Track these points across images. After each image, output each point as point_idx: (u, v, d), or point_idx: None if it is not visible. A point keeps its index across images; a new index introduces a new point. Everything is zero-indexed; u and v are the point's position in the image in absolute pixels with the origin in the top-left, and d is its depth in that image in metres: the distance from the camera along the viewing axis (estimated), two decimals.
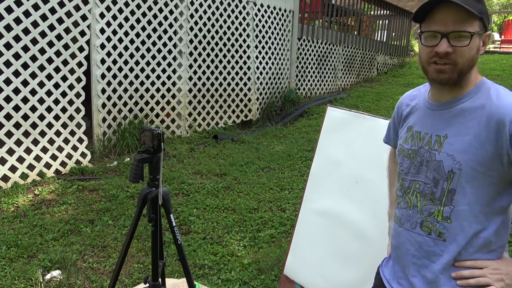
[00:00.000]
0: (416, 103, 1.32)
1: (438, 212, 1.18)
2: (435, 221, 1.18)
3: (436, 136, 1.20)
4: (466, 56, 1.12)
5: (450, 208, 1.16)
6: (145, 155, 1.76)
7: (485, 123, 1.11)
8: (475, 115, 1.13)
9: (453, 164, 1.14)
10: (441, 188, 1.17)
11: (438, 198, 1.18)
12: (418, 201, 1.22)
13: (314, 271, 2.21)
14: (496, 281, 1.12)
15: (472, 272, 1.15)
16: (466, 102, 1.17)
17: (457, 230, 1.16)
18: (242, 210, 3.69)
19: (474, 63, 1.14)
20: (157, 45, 5.28)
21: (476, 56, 1.14)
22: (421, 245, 1.21)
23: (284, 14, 7.17)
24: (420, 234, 1.21)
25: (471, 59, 1.13)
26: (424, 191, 1.20)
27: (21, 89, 4.01)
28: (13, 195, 3.74)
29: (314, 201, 2.27)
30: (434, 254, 1.19)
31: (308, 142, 5.64)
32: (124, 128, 4.98)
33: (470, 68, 1.14)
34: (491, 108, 1.11)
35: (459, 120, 1.16)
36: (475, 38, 1.11)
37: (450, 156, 1.15)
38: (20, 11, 3.88)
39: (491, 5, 20.21)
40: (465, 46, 1.10)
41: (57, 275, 2.69)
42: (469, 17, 1.10)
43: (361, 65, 9.89)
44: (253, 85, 6.72)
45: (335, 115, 2.26)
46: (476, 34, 1.11)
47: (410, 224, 1.24)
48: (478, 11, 1.09)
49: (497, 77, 9.01)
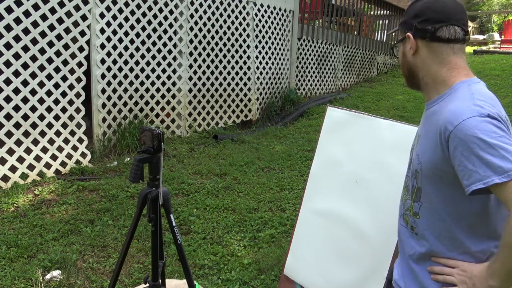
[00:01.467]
0: None
1: (411, 207, 1.26)
2: (409, 215, 1.26)
3: (417, 136, 1.28)
4: (399, 62, 1.31)
5: (419, 204, 1.22)
6: (145, 155, 1.75)
7: (437, 127, 1.13)
8: (435, 119, 1.16)
9: (417, 164, 1.21)
10: (412, 185, 1.25)
11: (410, 194, 1.26)
12: (404, 194, 1.32)
13: (314, 271, 2.21)
14: (460, 282, 1.14)
15: (442, 269, 1.19)
16: (435, 105, 1.20)
17: (425, 226, 1.21)
18: (242, 210, 3.69)
19: (409, 67, 1.26)
20: (157, 45, 5.28)
21: (404, 60, 1.27)
22: (402, 234, 1.31)
23: (284, 14, 7.17)
24: (402, 224, 1.31)
25: (402, 63, 1.28)
26: (408, 186, 1.29)
27: (21, 89, 4.01)
28: (13, 195, 3.74)
29: (314, 201, 2.27)
30: (409, 245, 1.27)
31: (308, 142, 5.64)
32: (124, 128, 4.98)
33: (410, 72, 1.26)
34: (441, 113, 1.14)
35: (427, 122, 1.22)
36: (399, 46, 1.29)
37: (417, 156, 1.22)
38: (20, 11, 3.88)
39: (491, 5, 20.20)
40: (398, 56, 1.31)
41: (57, 275, 2.69)
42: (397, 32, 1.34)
43: (361, 65, 9.89)
44: (253, 85, 6.71)
45: (335, 115, 2.26)
46: (398, 42, 1.29)
47: (399, 214, 1.34)
48: (398, 25, 1.30)
49: (497, 77, 9.01)
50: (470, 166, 1.03)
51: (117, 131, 4.96)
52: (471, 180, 1.03)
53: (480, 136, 1.02)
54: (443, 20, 1.17)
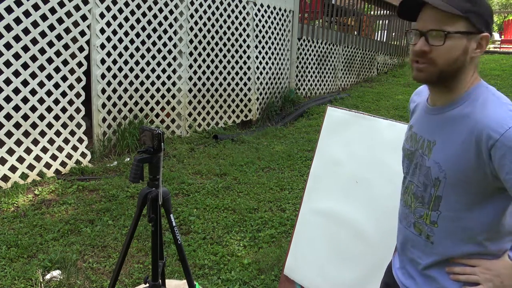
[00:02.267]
0: (419, 101, 1.32)
1: (426, 216, 1.20)
2: (424, 224, 1.21)
3: (427, 141, 1.20)
4: (444, 57, 1.08)
5: (437, 213, 1.17)
6: (145, 155, 1.75)
7: (468, 134, 1.08)
8: (461, 123, 1.11)
9: (439, 172, 1.14)
10: (429, 193, 1.18)
11: (426, 202, 1.19)
12: (412, 202, 1.25)
13: (314, 271, 2.21)
14: (485, 281, 1.12)
15: (464, 269, 1.15)
16: (456, 109, 1.14)
17: (444, 234, 1.16)
18: (242, 210, 3.69)
19: (459, 66, 1.09)
20: (157, 45, 5.28)
21: (461, 59, 1.09)
22: (414, 243, 1.25)
23: (284, 14, 7.17)
24: (413, 233, 1.25)
25: (453, 60, 1.08)
26: (417, 194, 1.22)
27: (21, 89, 4.01)
28: (13, 195, 3.74)
29: (314, 201, 2.27)
30: (424, 254, 1.22)
31: (308, 142, 5.64)
32: (124, 128, 4.98)
33: (455, 70, 1.10)
34: (475, 119, 1.08)
35: (447, 128, 1.14)
36: (455, 39, 1.06)
37: (437, 164, 1.14)
38: (20, 11, 3.88)
39: (491, 5, 20.20)
40: (440, 46, 1.07)
41: (57, 275, 2.69)
42: (451, 16, 1.05)
43: (361, 65, 9.89)
44: (253, 85, 6.72)
45: (335, 115, 2.26)
46: (457, 34, 1.06)
47: (406, 222, 1.28)
48: (462, 10, 1.05)
49: (497, 77, 9.01)
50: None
51: (117, 131, 4.96)
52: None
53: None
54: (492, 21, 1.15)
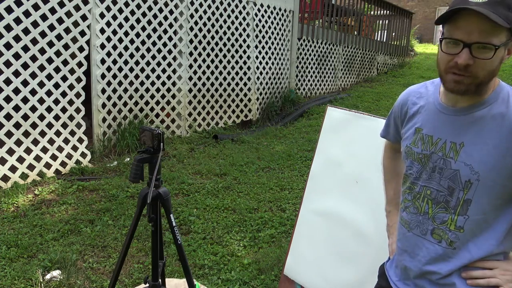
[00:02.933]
0: (424, 102, 1.26)
1: (451, 221, 1.15)
2: (447, 230, 1.16)
3: (451, 143, 1.14)
4: (487, 69, 1.04)
5: (465, 218, 1.13)
6: (145, 155, 1.75)
7: (505, 134, 1.06)
8: (494, 123, 1.08)
9: (471, 175, 1.10)
10: (457, 197, 1.13)
11: (452, 207, 1.14)
12: (430, 208, 1.18)
13: (314, 271, 2.21)
14: (507, 282, 1.11)
15: (484, 273, 1.13)
16: (484, 109, 1.11)
17: (469, 238, 1.14)
18: (242, 210, 3.69)
19: (495, 75, 1.08)
20: (157, 45, 5.28)
21: (498, 68, 1.06)
22: (430, 252, 1.19)
23: (284, 14, 7.17)
24: (430, 241, 1.19)
25: (493, 71, 1.06)
26: (437, 199, 1.17)
27: (21, 89, 4.01)
28: (13, 195, 3.74)
29: (314, 201, 2.27)
30: (442, 261, 1.17)
31: (308, 142, 5.64)
32: (124, 128, 4.98)
33: (490, 79, 1.08)
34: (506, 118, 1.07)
35: (477, 128, 1.11)
36: (500, 50, 1.03)
37: (468, 166, 1.10)
38: (20, 11, 3.88)
39: None
40: (487, 59, 1.03)
41: (57, 275, 2.69)
42: (497, 27, 1.00)
43: (361, 65, 9.89)
44: (253, 85, 6.72)
45: (335, 115, 2.26)
46: (502, 45, 1.03)
47: (420, 230, 1.21)
48: (507, 21, 1.00)
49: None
50: None
51: (117, 131, 4.96)
52: None
53: None
54: None
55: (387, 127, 1.48)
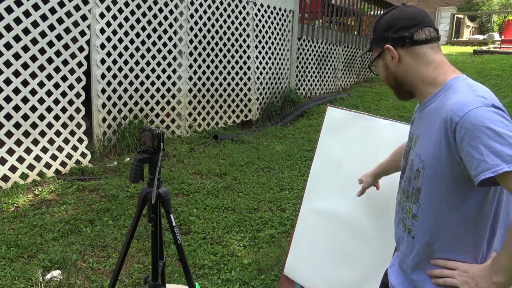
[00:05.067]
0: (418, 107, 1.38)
1: (409, 209, 1.24)
2: (407, 218, 1.25)
3: (415, 136, 1.26)
4: (383, 78, 1.33)
5: (417, 206, 1.21)
6: (145, 155, 1.75)
7: (439, 122, 1.12)
8: (435, 115, 1.16)
9: (419, 163, 1.19)
10: (412, 186, 1.23)
11: (410, 195, 1.24)
12: (401, 198, 1.29)
13: (314, 271, 2.21)
14: (462, 283, 1.13)
15: (442, 272, 1.18)
16: (433, 103, 1.20)
17: (424, 227, 1.20)
18: (242, 210, 3.69)
19: (395, 78, 1.27)
20: (157, 45, 5.28)
21: (389, 72, 1.28)
22: (403, 240, 1.29)
23: (284, 14, 7.17)
24: (402, 230, 1.29)
25: (386, 77, 1.31)
26: (404, 189, 1.28)
27: (21, 89, 4.01)
28: (13, 195, 3.74)
29: (314, 201, 2.27)
30: (409, 250, 1.26)
31: (308, 142, 5.64)
32: (124, 128, 4.98)
33: (397, 81, 1.28)
34: (444, 107, 1.13)
35: (427, 120, 1.21)
36: (377, 63, 1.31)
37: (418, 155, 1.20)
38: (20, 11, 3.88)
39: (491, 5, 20.19)
40: (378, 72, 1.34)
41: (57, 275, 2.69)
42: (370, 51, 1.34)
43: (361, 65, 9.90)
44: (253, 85, 6.72)
45: (335, 115, 2.26)
46: (374, 59, 1.31)
47: (397, 220, 1.33)
48: (369, 44, 1.34)
49: (497, 77, 9.01)
50: (477, 156, 1.01)
51: (117, 131, 4.97)
52: (479, 169, 1.01)
53: (488, 125, 1.01)
54: (415, 24, 1.22)
55: None
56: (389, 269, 1.41)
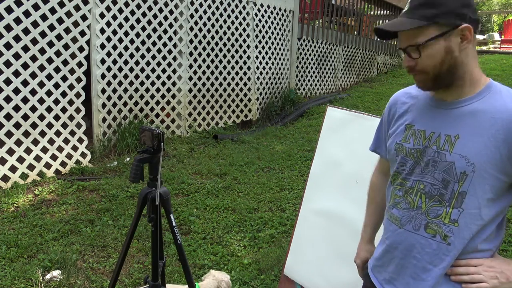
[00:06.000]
0: (415, 101, 1.27)
1: (446, 214, 1.14)
2: (441, 223, 1.15)
3: (445, 136, 1.15)
4: (430, 64, 1.11)
5: (459, 210, 1.12)
6: (145, 155, 1.75)
7: (500, 126, 1.08)
8: (488, 116, 1.10)
9: (466, 166, 1.10)
10: (451, 190, 1.13)
11: (447, 200, 1.14)
12: (423, 202, 1.18)
13: (314, 271, 2.21)
14: (490, 278, 1.11)
15: (467, 269, 1.14)
16: (477, 103, 1.13)
17: (463, 233, 1.13)
18: (242, 210, 3.69)
19: (450, 64, 1.11)
20: (157, 45, 5.28)
21: (449, 57, 1.10)
22: (424, 247, 1.17)
23: (284, 14, 7.17)
24: (424, 236, 1.17)
25: (440, 63, 1.11)
26: (431, 192, 1.16)
27: (21, 89, 4.01)
28: (13, 195, 3.74)
29: (314, 201, 2.27)
30: (437, 257, 1.16)
31: (308, 142, 5.64)
32: (124, 128, 4.98)
33: (448, 70, 1.12)
34: (508, 110, 1.08)
35: (471, 121, 1.12)
36: (432, 45, 1.10)
37: (463, 157, 1.11)
38: (20, 11, 3.88)
39: (491, 5, 20.20)
40: (426, 56, 1.11)
41: (57, 275, 2.69)
42: (419, 28, 1.10)
43: (361, 65, 9.89)
44: (253, 85, 6.72)
45: (335, 115, 2.26)
46: (430, 41, 1.09)
47: (413, 226, 1.20)
48: (426, 19, 1.09)
49: (497, 77, 9.01)
50: None
51: (117, 131, 4.96)
52: None
53: None
54: (476, 11, 1.12)
55: (377, 139, 1.48)
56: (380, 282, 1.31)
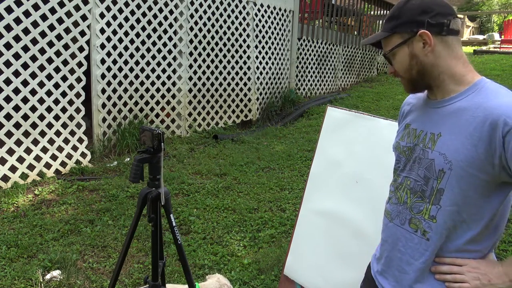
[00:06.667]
0: (417, 101, 1.32)
1: (426, 210, 1.18)
2: (422, 219, 1.19)
3: (430, 134, 1.19)
4: (402, 68, 1.21)
5: (437, 207, 1.15)
6: (145, 155, 1.75)
7: (479, 123, 1.08)
8: (470, 114, 1.11)
9: (444, 164, 1.13)
10: (431, 186, 1.16)
11: (427, 196, 1.17)
12: (408, 197, 1.23)
13: (314, 271, 2.21)
14: (472, 279, 1.12)
15: (450, 268, 1.15)
16: (462, 100, 1.15)
17: (441, 229, 1.15)
18: (242, 210, 3.69)
19: (419, 68, 1.17)
20: (157, 45, 5.28)
21: (415, 62, 1.17)
22: (407, 241, 1.22)
23: (284, 14, 7.17)
24: (408, 230, 1.22)
25: (408, 67, 1.19)
26: (415, 188, 1.21)
27: (21, 89, 4.01)
28: (13, 195, 3.74)
29: (314, 201, 2.27)
30: (418, 252, 1.20)
31: (308, 142, 5.64)
32: (124, 128, 4.98)
33: (419, 73, 1.18)
34: (486, 108, 1.08)
35: (453, 119, 1.14)
36: (398, 52, 1.20)
37: (442, 155, 1.14)
38: (20, 11, 3.88)
39: (491, 5, 20.20)
40: (395, 62, 1.22)
41: (57, 275, 2.69)
42: (386, 39, 1.22)
43: (361, 65, 9.89)
44: (253, 85, 6.72)
45: (335, 115, 2.26)
46: (395, 49, 1.19)
47: (399, 220, 1.25)
48: (388, 30, 1.20)
49: (497, 77, 9.01)
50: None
51: (117, 131, 4.96)
52: None
53: None
54: (450, 12, 1.15)
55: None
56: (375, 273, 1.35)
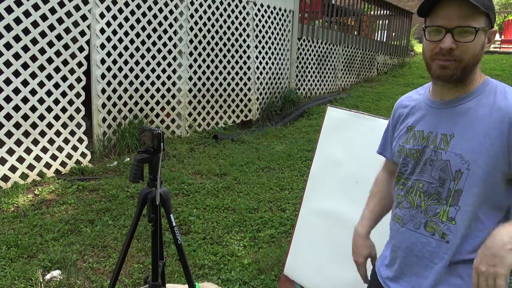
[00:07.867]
0: (416, 103, 1.29)
1: (443, 212, 1.15)
2: (439, 222, 1.15)
3: (442, 135, 1.16)
4: (470, 53, 1.09)
5: (456, 208, 1.13)
6: (145, 155, 1.75)
7: (494, 123, 1.08)
8: (483, 114, 1.11)
9: (461, 164, 1.11)
10: (448, 188, 1.14)
11: (444, 198, 1.15)
12: (422, 201, 1.19)
13: (314, 271, 2.21)
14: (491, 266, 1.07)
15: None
16: (472, 101, 1.14)
17: (461, 231, 1.13)
18: (242, 210, 3.69)
19: (478, 60, 1.12)
20: (157, 45, 5.28)
21: (480, 53, 1.11)
22: (424, 245, 1.19)
23: (284, 14, 7.17)
24: (424, 234, 1.19)
25: (476, 55, 1.10)
26: (429, 191, 1.17)
27: (21, 89, 4.01)
28: (13, 195, 3.74)
29: (314, 201, 2.27)
30: (437, 256, 1.17)
31: (308, 142, 5.64)
32: (124, 128, 4.98)
33: (474, 65, 1.12)
34: (501, 108, 1.09)
35: (466, 119, 1.13)
36: (480, 34, 1.08)
37: (458, 155, 1.12)
38: (20, 11, 3.88)
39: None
40: (469, 42, 1.08)
41: (57, 275, 2.69)
42: (475, 12, 1.06)
43: (361, 65, 9.89)
44: (253, 85, 6.72)
45: (335, 115, 2.26)
46: (481, 30, 1.08)
47: (413, 224, 1.21)
48: (484, 6, 1.06)
49: (497, 77, 8.97)
50: None
51: (117, 131, 4.96)
52: None
53: None
54: None
55: (384, 141, 1.50)
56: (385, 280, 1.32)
